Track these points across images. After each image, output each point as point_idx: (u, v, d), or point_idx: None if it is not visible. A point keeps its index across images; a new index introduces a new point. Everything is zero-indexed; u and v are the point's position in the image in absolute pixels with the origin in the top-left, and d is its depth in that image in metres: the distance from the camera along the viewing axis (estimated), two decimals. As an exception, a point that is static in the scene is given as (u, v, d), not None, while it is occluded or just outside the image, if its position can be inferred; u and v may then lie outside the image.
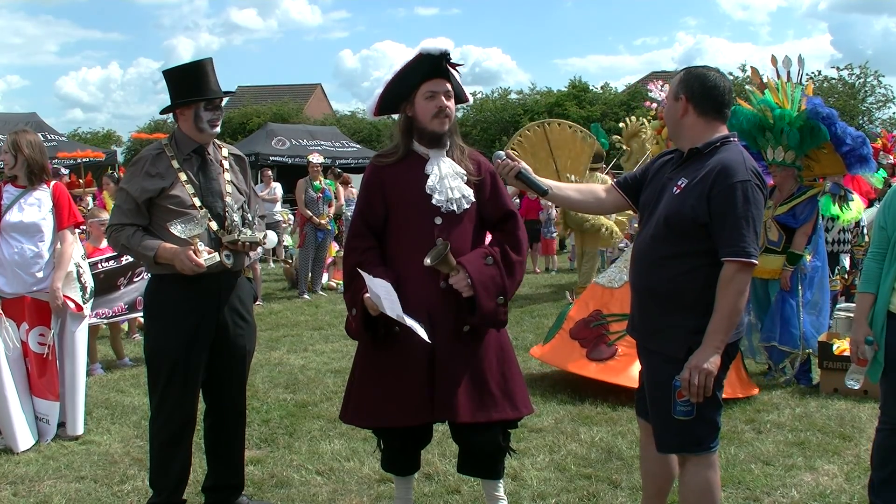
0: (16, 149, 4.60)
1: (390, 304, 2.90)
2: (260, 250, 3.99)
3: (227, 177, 3.56)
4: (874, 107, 32.77)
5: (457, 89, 3.19)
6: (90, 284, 5.00)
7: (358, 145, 29.04)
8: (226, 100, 3.74)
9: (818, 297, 5.89)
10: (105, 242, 6.56)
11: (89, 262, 5.55)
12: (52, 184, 4.76)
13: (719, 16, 75.86)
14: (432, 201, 3.10)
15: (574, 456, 4.33)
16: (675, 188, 2.79)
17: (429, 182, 3.11)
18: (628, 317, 3.10)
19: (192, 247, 3.29)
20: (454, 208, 3.12)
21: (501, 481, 3.37)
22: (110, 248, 6.16)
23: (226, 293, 3.49)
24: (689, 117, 2.83)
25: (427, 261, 2.99)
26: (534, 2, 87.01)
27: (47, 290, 4.60)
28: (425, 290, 3.08)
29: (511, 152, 3.18)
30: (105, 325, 6.79)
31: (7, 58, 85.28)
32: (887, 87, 32.59)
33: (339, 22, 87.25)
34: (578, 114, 31.77)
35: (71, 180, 13.29)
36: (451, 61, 3.14)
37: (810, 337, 5.80)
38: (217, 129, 3.48)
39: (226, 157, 3.62)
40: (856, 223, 7.67)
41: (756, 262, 2.70)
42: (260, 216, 3.77)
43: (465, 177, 3.18)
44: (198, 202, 3.40)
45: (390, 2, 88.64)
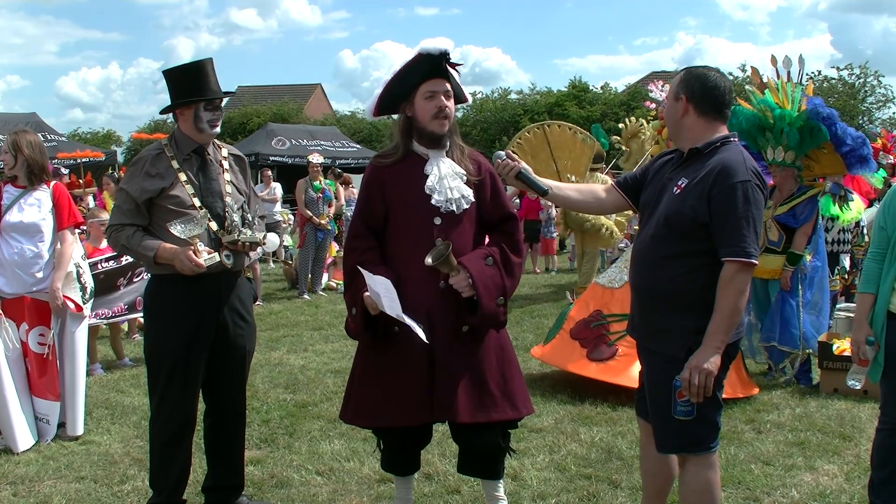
0: (16, 149, 4.59)
1: (389, 303, 2.90)
2: (260, 250, 3.99)
3: (227, 177, 3.56)
4: (874, 107, 32.80)
5: (456, 89, 3.19)
6: (90, 285, 5.00)
7: (358, 145, 29.04)
8: (226, 100, 3.74)
9: (818, 297, 5.89)
10: (105, 243, 6.56)
11: (89, 262, 5.55)
12: (52, 184, 4.76)
13: (719, 16, 75.96)
14: (432, 201, 3.10)
15: (574, 456, 4.33)
16: (676, 188, 2.79)
17: (428, 182, 3.11)
18: (628, 317, 3.10)
19: (192, 247, 3.29)
20: (453, 208, 3.12)
21: (501, 481, 3.37)
22: (110, 249, 6.16)
23: (226, 293, 3.49)
24: (689, 117, 2.83)
25: (428, 260, 2.99)
26: (534, 2, 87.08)
27: (47, 291, 4.60)
28: (425, 290, 3.08)
29: (511, 153, 3.18)
30: (105, 326, 6.79)
31: (7, 58, 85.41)
32: (887, 87, 32.65)
33: (339, 22, 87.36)
34: (578, 114, 31.77)
35: (71, 180, 13.29)
36: (451, 61, 3.14)
37: (810, 337, 5.80)
38: (217, 130, 3.48)
39: (225, 158, 3.62)
40: (856, 223, 7.67)
41: (756, 263, 2.70)
42: (260, 216, 3.77)
43: (465, 177, 3.18)
44: (198, 202, 3.40)
45: (390, 2, 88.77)
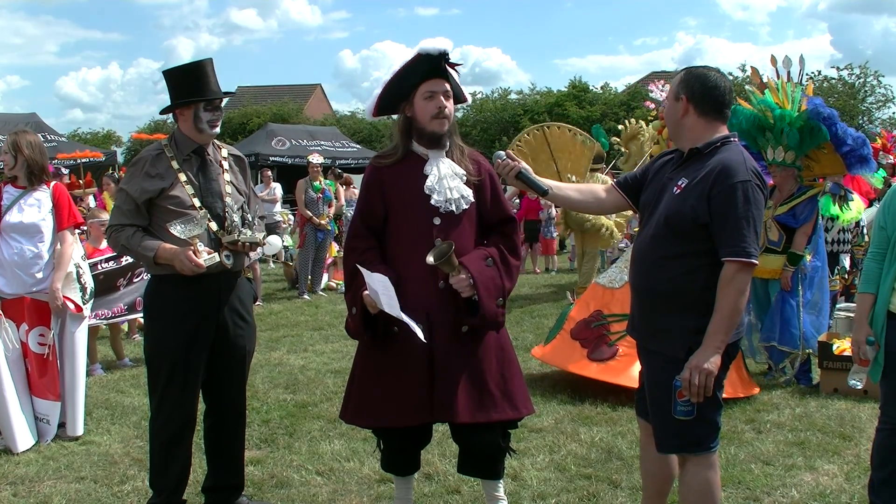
0: (16, 149, 4.59)
1: (388, 300, 2.90)
2: (260, 250, 3.99)
3: (227, 177, 3.56)
4: (874, 107, 32.80)
5: (456, 89, 3.19)
6: (90, 285, 5.00)
7: (358, 145, 29.05)
8: (225, 100, 3.74)
9: (818, 297, 5.89)
10: (105, 243, 6.56)
11: (89, 262, 5.55)
12: (51, 184, 4.76)
13: (719, 16, 75.94)
14: (431, 201, 3.10)
15: (574, 456, 4.33)
16: (676, 188, 2.79)
17: (427, 182, 3.11)
18: (628, 317, 3.10)
19: (192, 247, 3.29)
20: (453, 208, 3.12)
21: (501, 481, 3.37)
22: (110, 249, 6.16)
23: (226, 293, 3.49)
24: (689, 117, 2.83)
25: (430, 259, 2.99)
26: (534, 2, 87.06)
27: (47, 291, 4.60)
28: (425, 290, 3.08)
29: (511, 153, 3.18)
30: (105, 326, 6.79)
31: (7, 58, 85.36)
32: (887, 87, 32.65)
33: (339, 22, 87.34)
34: (578, 114, 31.78)
35: (71, 181, 13.29)
36: (450, 61, 3.14)
37: (810, 337, 5.80)
38: (217, 130, 3.48)
39: (225, 158, 3.62)
40: (856, 223, 7.67)
41: (756, 263, 2.70)
42: (259, 217, 3.77)
43: (465, 177, 3.18)
44: (197, 203, 3.40)
45: (390, 2, 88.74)
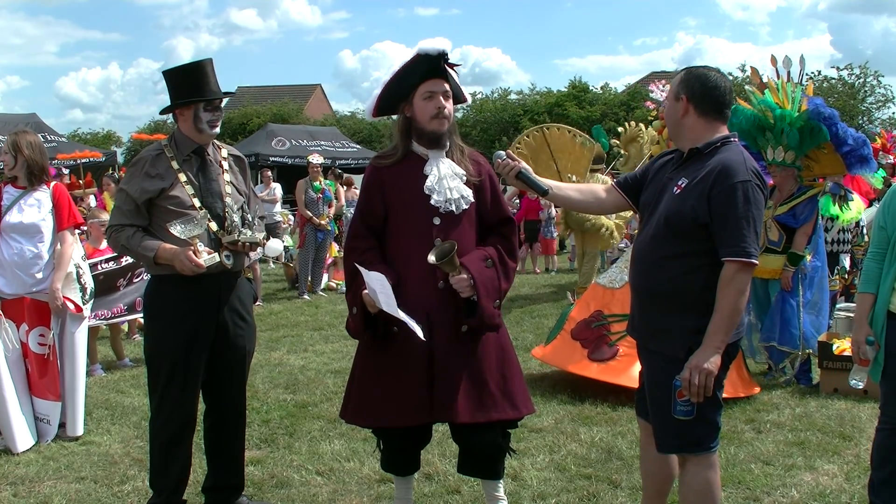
0: (16, 149, 4.59)
1: (385, 299, 2.90)
2: (260, 250, 3.99)
3: (227, 177, 3.56)
4: (874, 107, 32.83)
5: (455, 89, 3.19)
6: (90, 285, 5.00)
7: (358, 146, 29.06)
8: (225, 100, 3.74)
9: (818, 297, 5.89)
10: (105, 243, 6.56)
11: (89, 263, 5.55)
12: (52, 185, 4.76)
13: (719, 16, 75.97)
14: (431, 201, 3.10)
15: (574, 456, 4.33)
16: (676, 188, 2.79)
17: (427, 182, 3.11)
18: (629, 317, 3.10)
19: (192, 247, 3.29)
20: (453, 209, 3.12)
21: (501, 481, 3.37)
22: (110, 249, 6.16)
23: (225, 294, 3.49)
24: (689, 117, 2.83)
25: (431, 258, 2.99)
26: (534, 2, 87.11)
27: (47, 291, 4.60)
28: (424, 290, 3.08)
29: (511, 153, 3.17)
30: (105, 327, 6.79)
31: (7, 58, 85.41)
32: (887, 88, 32.68)
33: (338, 22, 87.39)
34: (578, 114, 31.79)
35: (71, 181, 13.30)
36: (450, 61, 3.14)
37: (810, 337, 5.79)
38: (216, 130, 3.48)
39: (225, 158, 3.62)
40: (856, 223, 7.67)
41: (756, 263, 2.70)
42: (259, 217, 3.77)
43: (465, 177, 3.18)
44: (197, 203, 3.40)
45: (390, 2, 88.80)
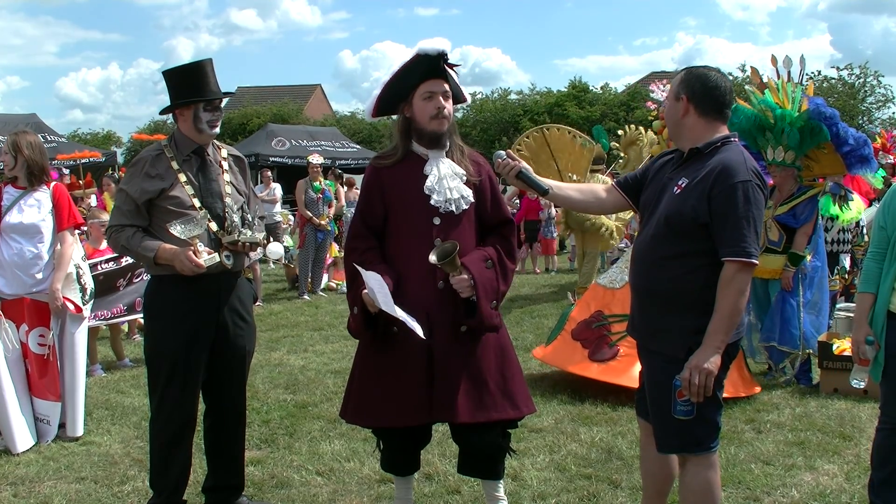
0: (16, 150, 4.59)
1: (383, 298, 2.90)
2: (260, 251, 3.99)
3: (227, 177, 3.56)
4: (874, 107, 32.85)
5: (455, 89, 3.19)
6: (90, 286, 5.00)
7: (358, 146, 29.08)
8: (225, 100, 3.74)
9: (818, 297, 5.89)
10: (105, 244, 6.56)
11: (89, 263, 5.54)
12: (51, 185, 4.76)
13: (719, 16, 76.01)
14: (431, 202, 3.10)
15: (574, 456, 4.33)
16: (676, 188, 2.79)
17: (427, 182, 3.11)
18: (629, 317, 3.09)
19: (192, 247, 3.29)
20: (453, 209, 3.12)
21: (501, 481, 3.37)
22: (110, 250, 6.16)
23: (225, 294, 3.49)
24: (690, 117, 2.83)
25: (432, 258, 2.99)
26: (534, 2, 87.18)
27: (47, 292, 4.60)
28: (424, 290, 3.08)
29: (511, 153, 3.17)
30: (105, 327, 6.79)
31: (7, 59, 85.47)
32: (887, 87, 32.72)
33: (338, 22, 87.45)
34: (578, 114, 31.80)
35: (71, 181, 13.29)
36: (449, 62, 3.14)
37: (810, 337, 5.80)
38: (216, 130, 3.48)
39: (225, 158, 3.62)
40: (856, 223, 7.67)
41: (757, 263, 2.70)
42: (259, 217, 3.77)
43: (465, 177, 3.18)
44: (197, 203, 3.40)
45: (390, 2, 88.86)
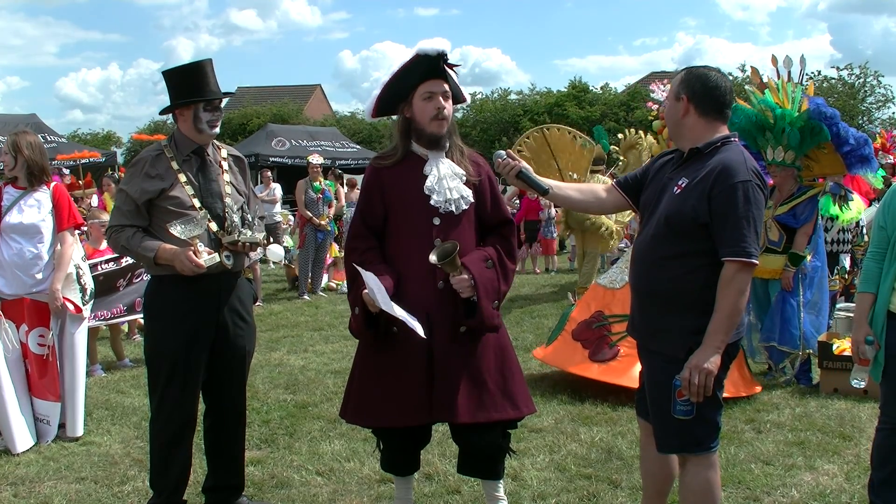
0: (16, 150, 4.59)
1: (381, 297, 2.90)
2: (260, 251, 3.99)
3: (227, 178, 3.56)
4: (874, 107, 32.88)
5: (454, 90, 3.19)
6: (90, 286, 4.99)
7: (358, 146, 29.07)
8: (225, 101, 3.74)
9: (818, 297, 5.89)
10: (105, 244, 6.56)
11: (89, 263, 5.54)
12: (52, 185, 4.76)
13: (719, 16, 76.06)
14: (431, 202, 3.10)
15: (574, 456, 4.33)
16: (676, 188, 2.79)
17: (427, 183, 3.11)
18: (629, 317, 3.09)
19: (192, 247, 3.29)
20: (452, 209, 3.12)
21: (501, 481, 3.37)
22: (110, 250, 6.15)
23: (225, 294, 3.49)
24: (690, 117, 2.83)
25: (433, 258, 2.99)
26: (534, 2, 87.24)
27: (47, 292, 4.60)
28: (424, 290, 3.08)
29: (511, 152, 3.17)
30: (105, 327, 6.78)
31: (7, 59, 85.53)
32: (887, 87, 32.76)
33: (338, 23, 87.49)
34: (578, 114, 31.81)
35: (71, 182, 13.28)
36: (449, 62, 3.14)
37: (810, 337, 5.80)
38: (216, 130, 3.48)
39: (225, 158, 3.62)
40: (856, 223, 7.67)
41: (757, 262, 2.70)
42: (259, 217, 3.77)
43: (465, 177, 3.18)
44: (197, 203, 3.40)
45: (390, 2, 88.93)
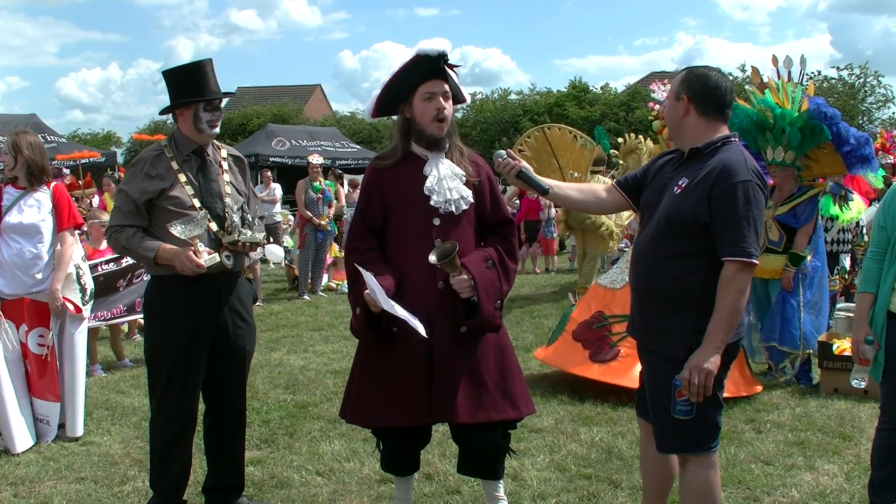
0: (16, 150, 4.59)
1: (382, 297, 2.90)
2: (260, 251, 3.99)
3: (227, 178, 3.56)
4: (874, 107, 32.91)
5: (455, 90, 3.19)
6: (90, 286, 4.99)
7: (358, 146, 29.08)
8: (225, 101, 3.74)
9: (818, 297, 5.89)
10: (105, 244, 6.56)
11: (90, 264, 5.54)
12: (52, 185, 4.75)
13: (719, 16, 76.10)
14: (431, 202, 3.10)
15: (574, 456, 4.32)
16: (676, 188, 2.79)
17: (427, 183, 3.11)
18: (629, 317, 3.09)
19: (192, 247, 3.29)
20: (452, 209, 3.12)
21: (501, 482, 3.37)
22: (110, 250, 6.15)
23: (225, 294, 3.49)
24: (690, 117, 2.83)
25: (432, 258, 2.99)
26: (534, 2, 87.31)
27: (47, 292, 4.60)
28: (424, 290, 3.08)
29: (511, 152, 3.17)
30: (105, 327, 6.78)
31: (7, 59, 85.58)
32: (887, 88, 32.79)
33: (338, 23, 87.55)
34: (578, 114, 31.81)
35: (71, 182, 13.28)
36: (449, 62, 3.14)
37: (810, 337, 5.79)
38: (216, 130, 3.48)
39: (225, 158, 3.62)
40: (856, 223, 7.67)
41: (757, 262, 2.70)
42: (259, 217, 3.77)
43: (464, 178, 3.18)
44: (197, 203, 3.40)
45: (390, 3, 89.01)
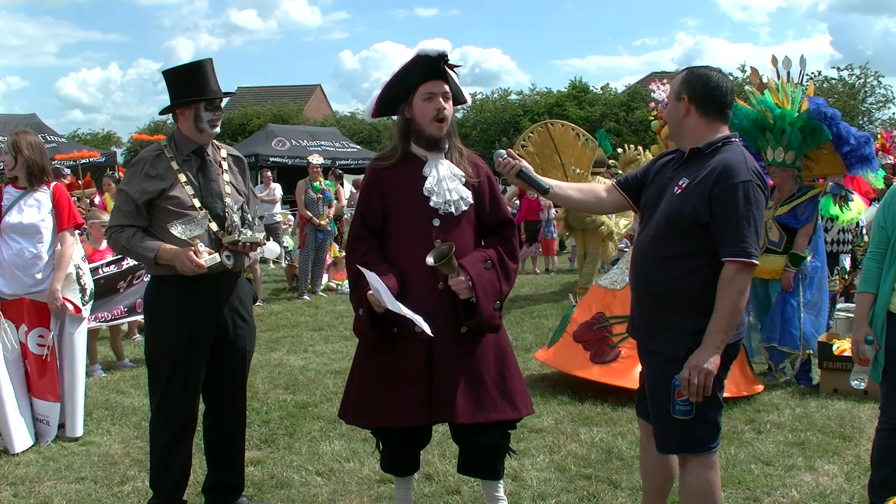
0: (16, 150, 4.59)
1: (386, 297, 2.90)
2: (260, 251, 3.99)
3: (227, 178, 3.56)
4: (874, 107, 32.92)
5: (455, 90, 3.19)
6: (90, 286, 4.99)
7: (358, 146, 29.07)
8: (225, 101, 3.74)
9: (818, 298, 5.89)
10: (105, 244, 6.56)
11: (91, 267, 5.53)
12: (52, 185, 4.75)
13: (719, 16, 76.09)
14: (430, 203, 3.10)
15: (574, 456, 4.32)
16: (676, 188, 2.79)
17: (426, 184, 3.11)
18: (629, 318, 3.09)
19: (193, 247, 3.29)
20: (452, 210, 3.12)
21: (501, 482, 3.37)
22: (110, 250, 6.15)
23: (226, 294, 3.49)
24: (691, 117, 2.83)
25: (430, 260, 2.99)
26: (534, 2, 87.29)
27: (46, 292, 4.60)
28: (424, 291, 3.08)
29: (512, 152, 3.17)
30: (105, 328, 6.78)
31: (7, 59, 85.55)
32: (887, 88, 32.81)
33: (338, 23, 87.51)
34: (578, 114, 31.79)
35: (71, 182, 13.27)
36: (450, 62, 3.14)
37: (810, 337, 5.80)
38: (217, 130, 3.48)
39: (224, 158, 3.62)
40: (856, 223, 7.66)
41: (757, 263, 2.70)
42: (259, 217, 3.77)
43: (464, 178, 3.18)
44: (197, 203, 3.40)
45: (390, 3, 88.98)
